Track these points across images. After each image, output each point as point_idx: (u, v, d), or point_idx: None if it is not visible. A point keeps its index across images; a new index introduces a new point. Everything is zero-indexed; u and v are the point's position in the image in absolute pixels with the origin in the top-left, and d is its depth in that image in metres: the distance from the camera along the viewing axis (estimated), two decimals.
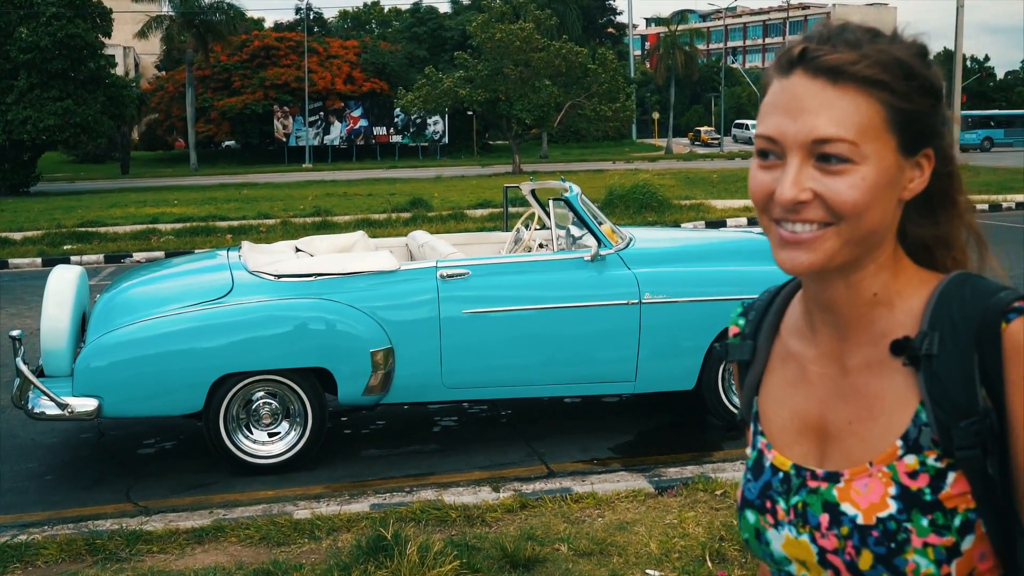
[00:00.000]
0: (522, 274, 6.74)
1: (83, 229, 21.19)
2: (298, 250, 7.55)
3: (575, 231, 7.30)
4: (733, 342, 1.47)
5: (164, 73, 71.39)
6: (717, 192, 27.48)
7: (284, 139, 64.68)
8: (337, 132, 65.73)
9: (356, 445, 7.08)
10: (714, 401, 6.86)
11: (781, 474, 1.32)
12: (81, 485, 6.34)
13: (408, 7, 77.73)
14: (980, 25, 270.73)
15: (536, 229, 7.88)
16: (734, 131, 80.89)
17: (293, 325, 6.30)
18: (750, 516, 1.35)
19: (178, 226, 21.42)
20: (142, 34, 58.68)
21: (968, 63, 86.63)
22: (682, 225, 18.98)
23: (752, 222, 20.47)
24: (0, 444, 7.16)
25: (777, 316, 1.41)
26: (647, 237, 7.69)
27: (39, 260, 17.49)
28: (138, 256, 17.70)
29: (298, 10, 70.53)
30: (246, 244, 7.42)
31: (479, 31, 44.35)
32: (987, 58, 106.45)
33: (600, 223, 7.01)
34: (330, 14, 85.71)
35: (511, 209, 9.53)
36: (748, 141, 72.11)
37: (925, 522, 1.18)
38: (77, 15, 38.61)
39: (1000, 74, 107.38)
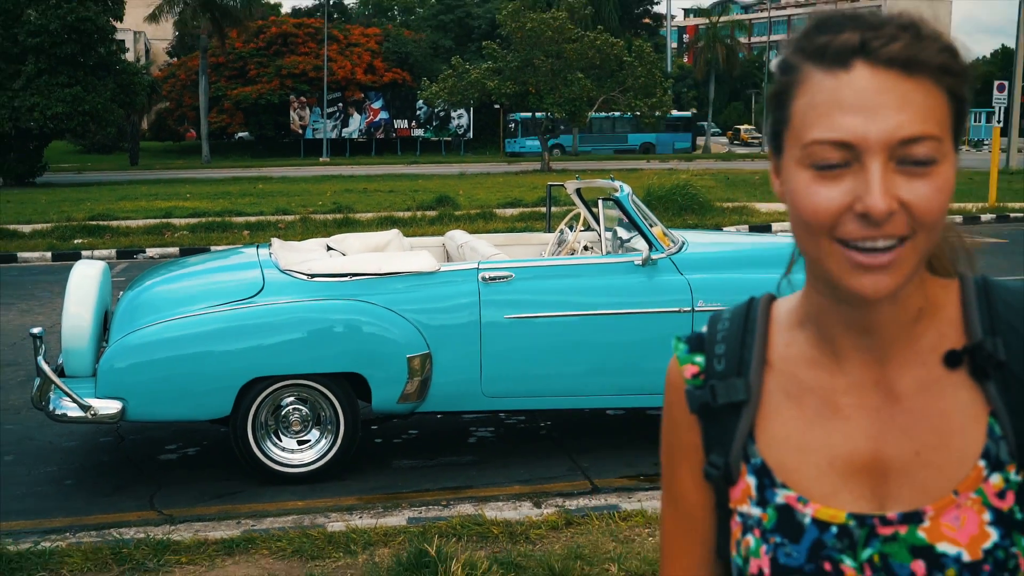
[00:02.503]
0: (568, 278, 6.73)
1: (93, 223, 21.17)
2: (330, 248, 7.56)
3: (623, 233, 7.29)
4: (696, 383, 1.28)
5: (176, 60, 71.81)
6: (760, 195, 27.31)
7: (300, 131, 64.89)
8: (356, 125, 65.88)
9: (388, 455, 7.09)
10: None
11: (835, 528, 1.18)
12: (103, 491, 6.37)
13: None
14: None
15: (581, 230, 7.87)
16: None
17: (327, 327, 6.31)
18: None
19: (192, 221, 21.52)
20: (154, 18, 58.52)
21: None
22: (725, 229, 18.90)
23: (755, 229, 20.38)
24: (18, 446, 7.20)
25: (762, 345, 1.27)
26: (700, 241, 7.66)
27: (49, 255, 17.59)
28: (151, 252, 17.79)
29: None
30: (276, 241, 7.43)
31: (509, 20, 44.16)
32: None
33: (651, 225, 6.99)
34: (351, 1, 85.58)
35: (554, 209, 9.52)
36: None
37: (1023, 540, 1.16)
38: None
39: None
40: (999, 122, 27.45)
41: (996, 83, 28.36)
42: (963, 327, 1.21)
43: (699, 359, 1.30)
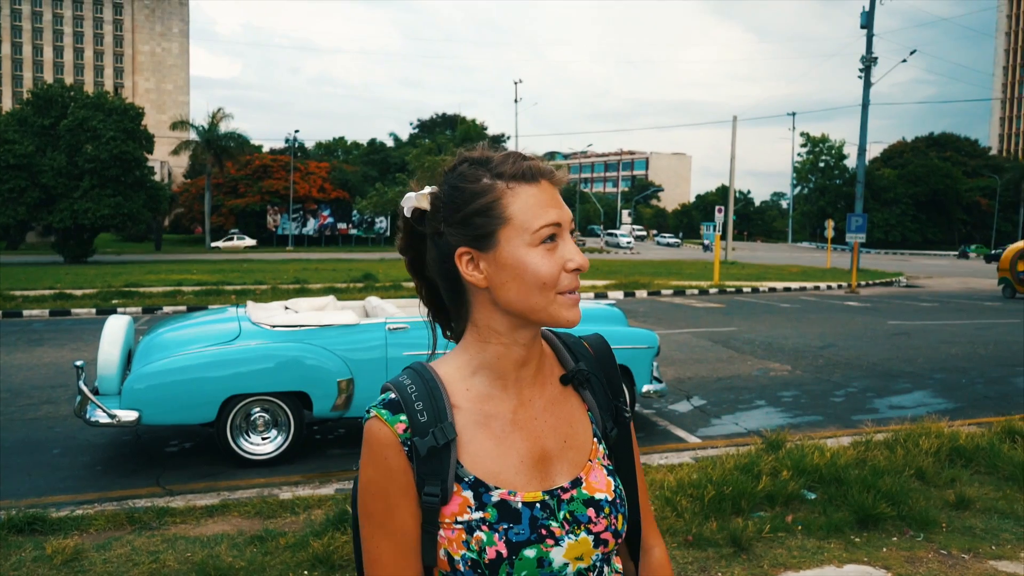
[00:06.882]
0: None
1: (127, 289, 20.25)
2: (286, 308, 7.36)
3: None
4: (405, 437, 1.09)
5: (189, 180, 69.63)
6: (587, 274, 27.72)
7: (274, 229, 63.45)
8: (312, 225, 64.71)
9: (324, 446, 6.86)
10: None
11: (538, 505, 1.12)
12: (123, 474, 6.01)
13: (365, 141, 77.77)
14: (746, 170, 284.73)
15: None
16: (589, 234, 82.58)
17: (283, 360, 6.12)
18: (529, 553, 1.09)
19: (196, 288, 20.67)
20: (175, 152, 57.44)
21: (736, 194, 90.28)
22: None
23: (599, 296, 20.74)
24: (64, 443, 6.76)
25: (444, 399, 1.13)
26: None
27: (94, 310, 16.64)
28: (167, 309, 16.99)
29: (287, 140, 69.94)
30: (250, 303, 7.20)
31: (414, 160, 44.65)
32: (748, 191, 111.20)
33: None
34: (309, 144, 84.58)
35: None
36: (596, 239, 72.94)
37: (618, 480, 1.22)
38: (129, 138, 37.63)
39: (756, 202, 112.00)
40: (719, 231, 28.66)
41: (717, 207, 29.68)
42: (556, 360, 1.25)
43: (403, 418, 1.11)
